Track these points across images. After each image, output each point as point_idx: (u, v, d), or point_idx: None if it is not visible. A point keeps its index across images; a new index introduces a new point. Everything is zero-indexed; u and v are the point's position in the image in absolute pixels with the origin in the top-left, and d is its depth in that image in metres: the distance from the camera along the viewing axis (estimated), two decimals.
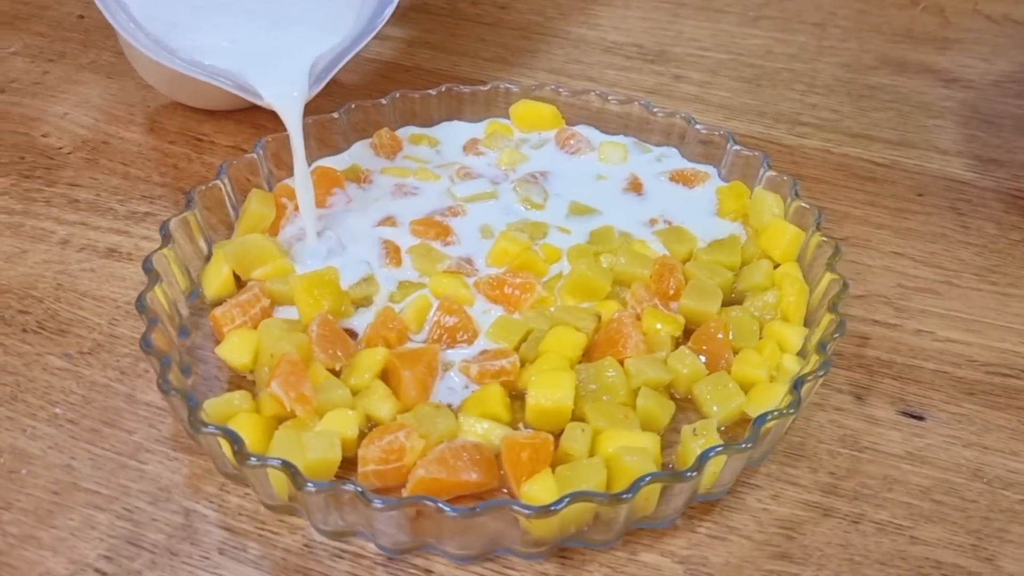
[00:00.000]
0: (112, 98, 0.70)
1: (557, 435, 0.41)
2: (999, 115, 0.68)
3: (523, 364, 0.45)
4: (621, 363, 0.44)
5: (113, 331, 0.49)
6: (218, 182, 0.53)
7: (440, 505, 0.35)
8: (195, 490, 0.41)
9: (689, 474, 0.37)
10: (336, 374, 0.44)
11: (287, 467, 0.36)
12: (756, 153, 0.55)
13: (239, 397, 0.42)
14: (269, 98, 0.49)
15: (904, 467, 0.43)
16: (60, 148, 0.64)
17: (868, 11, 0.83)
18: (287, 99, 0.49)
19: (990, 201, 0.59)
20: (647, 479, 0.36)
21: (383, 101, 0.60)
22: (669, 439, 0.42)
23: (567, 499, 0.35)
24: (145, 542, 0.39)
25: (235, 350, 0.44)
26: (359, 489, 0.35)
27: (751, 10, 0.83)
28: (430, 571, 0.38)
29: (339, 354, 0.44)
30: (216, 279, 0.49)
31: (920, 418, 0.45)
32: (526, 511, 0.35)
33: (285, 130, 0.56)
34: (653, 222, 0.53)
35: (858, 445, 0.44)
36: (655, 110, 0.59)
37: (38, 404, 0.45)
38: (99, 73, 0.73)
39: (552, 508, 0.35)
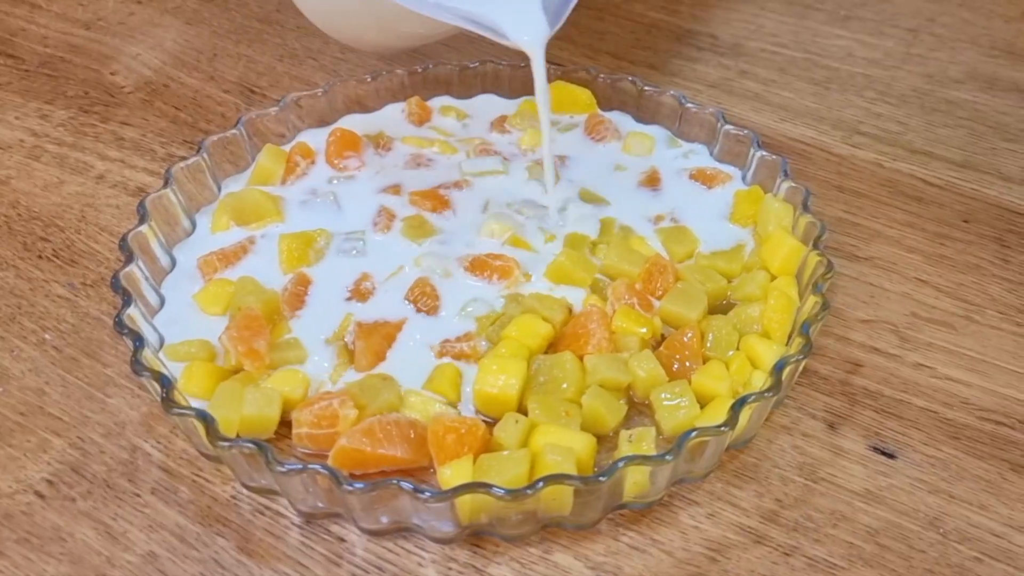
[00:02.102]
0: (185, 43, 0.73)
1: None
2: None
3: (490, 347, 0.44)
4: (582, 359, 0.43)
5: (119, 267, 0.52)
6: (234, 131, 0.54)
7: (329, 474, 0.35)
8: (148, 429, 0.43)
9: (601, 479, 0.35)
10: None
11: (204, 419, 0.37)
12: (777, 158, 0.52)
13: (197, 345, 0.43)
14: (514, 38, 0.48)
15: (857, 504, 0.40)
16: (123, 87, 0.67)
17: (972, 21, 0.77)
18: (528, 37, 0.48)
19: None
20: (542, 482, 0.35)
21: (418, 69, 0.60)
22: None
23: (462, 488, 0.35)
24: (87, 472, 0.41)
25: (209, 299, 0.46)
26: (263, 448, 0.36)
27: (843, 8, 0.78)
28: (343, 540, 0.39)
29: (303, 314, 0.45)
30: (216, 226, 0.50)
31: (891, 456, 0.42)
32: (422, 494, 0.35)
33: (320, 88, 0.57)
34: (659, 219, 0.52)
35: (815, 475, 0.42)
36: (687, 104, 0.57)
37: (31, 328, 0.48)
38: (180, 18, 0.76)
39: (444, 495, 0.35)
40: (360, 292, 0.46)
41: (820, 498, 0.41)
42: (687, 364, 0.43)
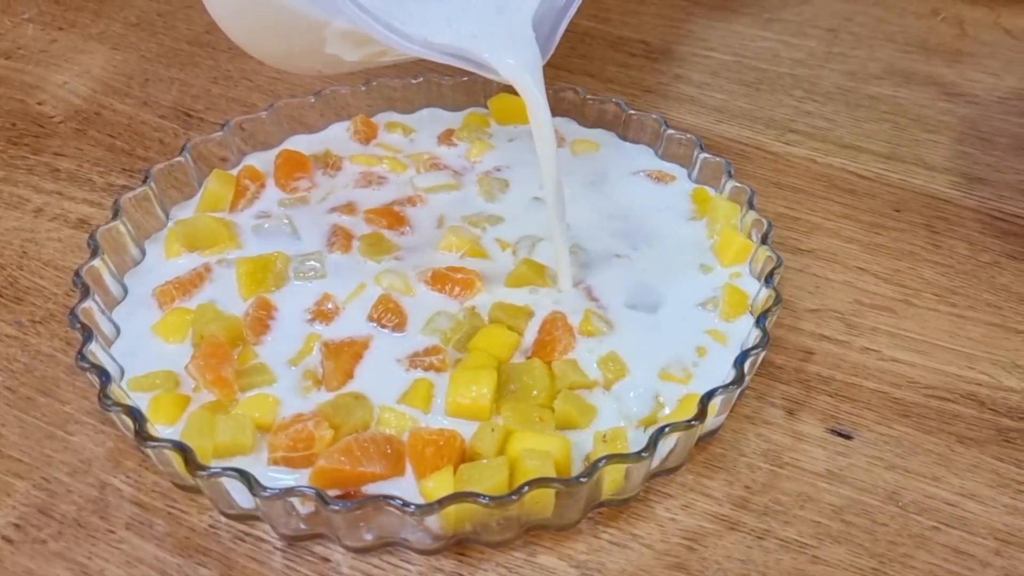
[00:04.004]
0: (114, 70, 0.71)
1: None
2: (997, 132, 0.66)
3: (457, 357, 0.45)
4: (550, 364, 0.44)
5: (68, 302, 0.51)
6: (180, 159, 0.54)
7: (316, 495, 0.35)
8: (115, 464, 0.42)
9: (582, 480, 0.36)
10: None
11: (181, 450, 0.37)
12: (721, 159, 0.54)
13: (162, 376, 0.42)
14: (506, 74, 0.45)
15: (821, 485, 0.42)
16: (52, 117, 0.66)
17: (886, 19, 0.81)
18: (522, 73, 0.45)
19: (968, 220, 0.58)
20: (527, 485, 0.36)
21: (361, 87, 0.61)
22: None
23: (448, 499, 0.35)
24: (56, 512, 0.40)
25: (168, 329, 0.45)
26: (246, 475, 0.36)
27: (766, 11, 0.81)
28: (328, 559, 0.39)
29: (267, 339, 0.45)
30: (169, 253, 0.50)
31: (848, 437, 0.44)
32: (408, 508, 0.35)
33: (264, 110, 0.57)
34: (611, 217, 0.53)
35: (779, 460, 0.43)
36: (630, 112, 0.59)
37: None
38: (106, 44, 0.74)
39: (432, 506, 0.35)
40: (323, 313, 0.47)
41: (786, 482, 0.42)
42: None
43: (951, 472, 0.43)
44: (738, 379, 0.40)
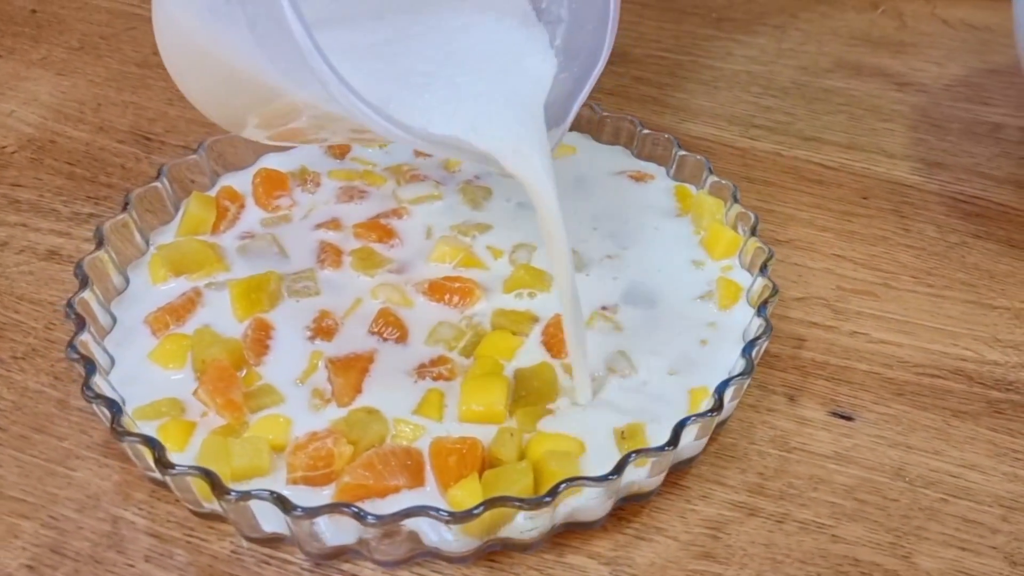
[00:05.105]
0: (63, 96, 0.69)
1: None
2: (948, 119, 0.69)
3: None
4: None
5: (49, 336, 0.49)
6: (157, 184, 0.52)
7: (358, 511, 0.35)
8: (124, 497, 0.41)
9: (612, 477, 0.37)
10: None
11: (207, 475, 0.36)
12: (700, 157, 0.55)
13: (167, 404, 0.42)
14: (511, 169, 0.40)
15: (830, 467, 0.43)
16: (4, 147, 0.64)
17: (829, 14, 0.83)
18: (531, 168, 0.40)
19: (932, 204, 0.60)
20: (564, 485, 0.36)
21: None
22: None
23: (483, 505, 0.35)
24: (69, 550, 0.39)
25: (166, 356, 0.44)
26: (277, 495, 0.35)
27: (714, 11, 0.83)
28: None
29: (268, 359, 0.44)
30: (156, 279, 0.49)
31: (849, 419, 0.46)
32: (445, 516, 0.35)
33: (230, 132, 0.56)
34: (596, 218, 0.54)
35: (787, 446, 0.44)
36: (604, 114, 0.60)
37: None
38: (50, 70, 0.72)
39: (472, 513, 0.35)
40: (324, 330, 0.46)
41: (796, 466, 0.43)
42: None
43: (950, 445, 0.45)
44: (749, 368, 0.41)
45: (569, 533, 0.40)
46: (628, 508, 0.41)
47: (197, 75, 0.43)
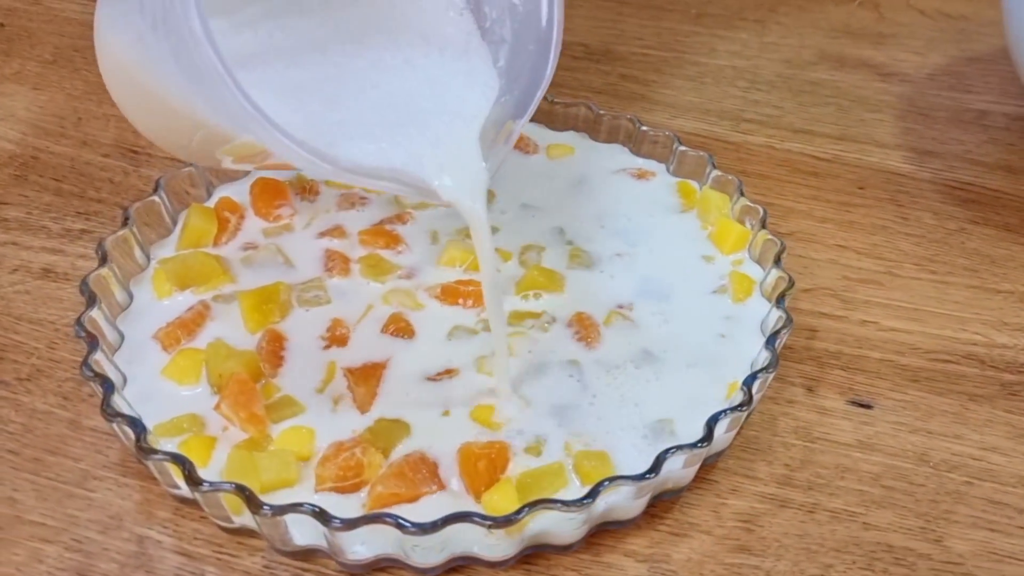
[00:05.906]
0: (41, 110, 0.68)
1: None
2: (933, 108, 0.70)
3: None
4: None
5: (53, 355, 0.48)
6: (155, 197, 0.51)
7: (394, 521, 0.34)
8: (148, 516, 0.40)
9: (649, 476, 0.37)
10: None
11: (241, 491, 0.35)
12: (702, 153, 0.56)
13: (187, 420, 0.41)
14: (447, 197, 0.40)
15: (855, 455, 0.44)
16: None
17: (808, 8, 0.84)
18: (462, 194, 0.40)
19: (928, 192, 0.61)
20: (606, 483, 0.36)
21: None
22: None
23: (526, 509, 0.35)
24: (97, 572, 0.38)
25: (181, 372, 0.43)
26: (316, 509, 0.35)
27: (694, 7, 0.83)
28: None
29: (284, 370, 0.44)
30: (161, 293, 0.48)
31: (868, 407, 0.46)
32: (488, 522, 0.35)
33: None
34: (599, 216, 0.54)
35: (810, 436, 0.45)
36: (601, 112, 0.60)
37: None
38: (25, 85, 0.70)
39: (514, 517, 0.35)
40: (338, 338, 0.46)
41: (821, 456, 0.44)
42: None
43: (970, 429, 0.45)
44: (774, 361, 0.41)
45: (604, 532, 0.40)
46: (660, 505, 0.41)
47: (137, 103, 0.44)
